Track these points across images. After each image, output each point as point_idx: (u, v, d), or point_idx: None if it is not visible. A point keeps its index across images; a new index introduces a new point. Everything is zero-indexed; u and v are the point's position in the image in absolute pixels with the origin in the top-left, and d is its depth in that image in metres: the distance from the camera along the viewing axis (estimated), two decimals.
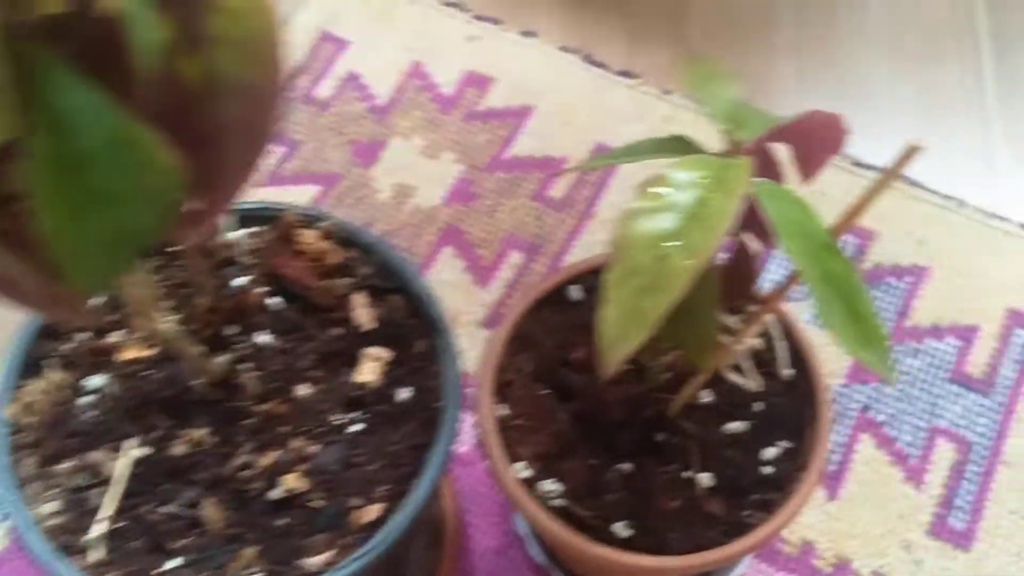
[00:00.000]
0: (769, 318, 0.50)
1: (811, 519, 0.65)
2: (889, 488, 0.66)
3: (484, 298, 0.74)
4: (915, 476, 0.67)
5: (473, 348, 0.72)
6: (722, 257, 0.44)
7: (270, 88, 0.30)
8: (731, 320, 0.46)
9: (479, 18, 0.88)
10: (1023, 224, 0.76)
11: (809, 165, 0.41)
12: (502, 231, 0.77)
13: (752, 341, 0.46)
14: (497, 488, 0.63)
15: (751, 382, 0.48)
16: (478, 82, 0.84)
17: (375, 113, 0.82)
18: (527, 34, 0.87)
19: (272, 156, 0.80)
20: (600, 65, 0.85)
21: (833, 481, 0.67)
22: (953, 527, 0.65)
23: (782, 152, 0.42)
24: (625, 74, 0.85)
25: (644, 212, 0.33)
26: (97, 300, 0.49)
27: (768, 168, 0.39)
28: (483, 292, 0.74)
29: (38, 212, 0.29)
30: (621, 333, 0.33)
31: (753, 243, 0.42)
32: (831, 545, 0.65)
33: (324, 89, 0.84)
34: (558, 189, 0.79)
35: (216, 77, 0.29)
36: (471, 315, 0.74)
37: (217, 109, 0.29)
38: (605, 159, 0.42)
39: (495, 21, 0.88)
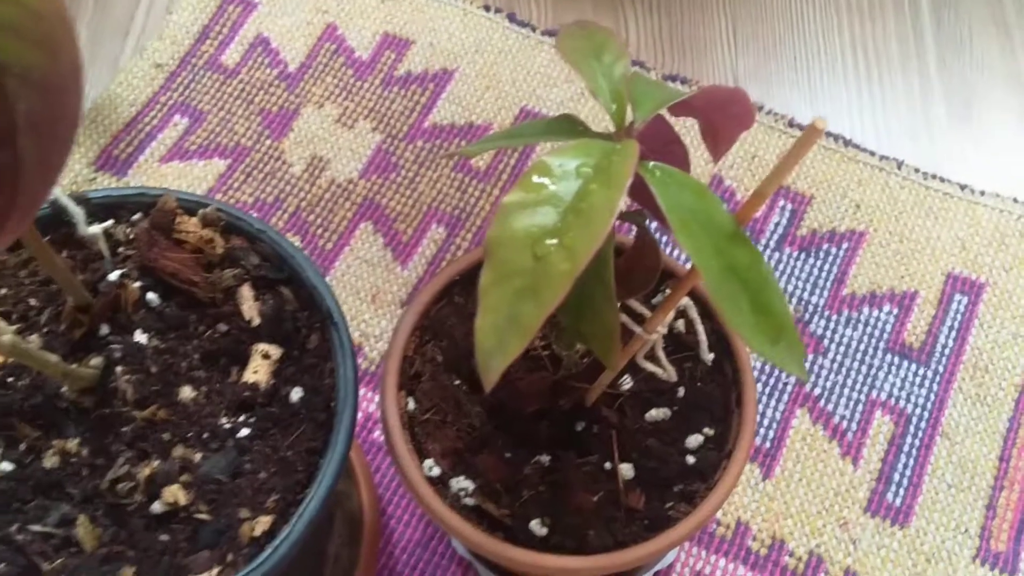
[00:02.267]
0: (686, 300, 0.47)
1: (746, 499, 0.63)
2: (826, 464, 0.64)
3: (405, 276, 0.71)
4: (852, 451, 0.65)
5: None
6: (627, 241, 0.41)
7: (62, 76, 0.26)
8: (642, 307, 0.43)
9: None
10: (962, 185, 0.74)
11: (719, 141, 0.37)
12: (423, 204, 0.73)
13: (663, 330, 0.43)
14: (404, 489, 0.60)
15: (666, 371, 0.45)
16: (395, 45, 0.80)
17: (286, 80, 0.78)
18: None
19: (175, 128, 0.75)
20: (524, 24, 0.81)
21: (768, 459, 0.64)
22: (891, 503, 0.63)
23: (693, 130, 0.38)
24: (551, 34, 0.81)
25: (522, 206, 0.30)
26: None
27: (668, 147, 0.36)
28: (403, 270, 0.71)
29: None
30: (499, 342, 0.30)
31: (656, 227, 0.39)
32: (766, 525, 0.62)
33: (231, 55, 0.79)
34: (481, 158, 0.75)
35: (3, 69, 0.25)
36: (391, 294, 0.70)
37: (4, 104, 0.25)
38: (488, 142, 0.38)
39: None
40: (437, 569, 0.60)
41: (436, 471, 0.49)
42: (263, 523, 0.43)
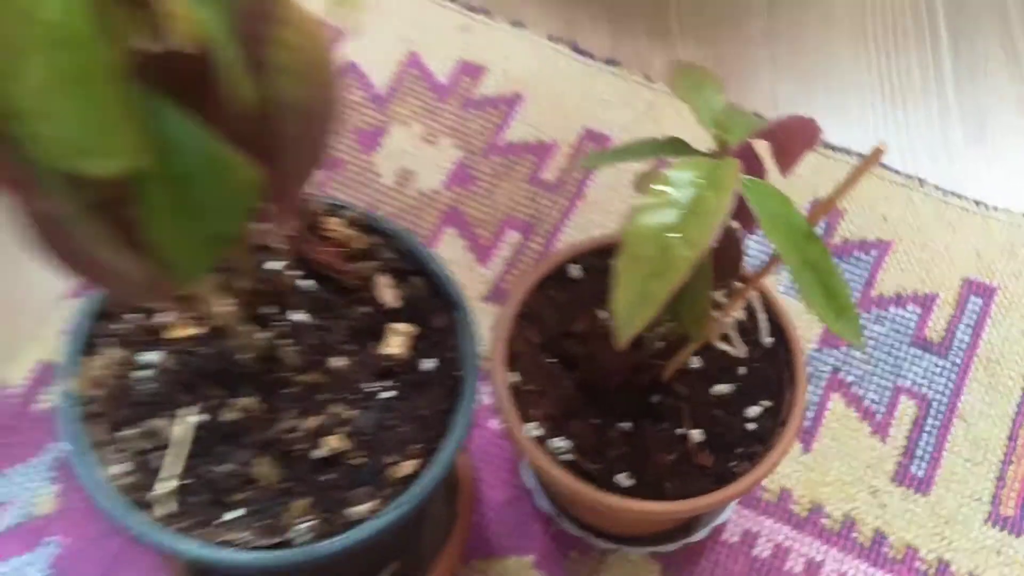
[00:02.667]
0: (751, 292, 0.56)
1: (788, 469, 0.72)
2: (857, 441, 0.74)
3: (485, 274, 0.80)
4: (881, 430, 0.74)
5: (477, 321, 0.78)
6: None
7: (324, 110, 0.36)
8: (718, 295, 0.53)
9: (470, 9, 0.93)
10: (977, 201, 0.83)
11: (787, 159, 0.47)
12: (500, 212, 0.83)
13: (737, 314, 0.53)
14: (512, 446, 0.70)
15: (738, 349, 0.55)
16: (471, 71, 0.90)
17: (375, 102, 0.88)
18: (516, 24, 0.92)
19: None
20: (586, 54, 0.91)
21: (807, 435, 0.74)
22: (914, 474, 0.72)
23: (761, 147, 0.48)
24: (610, 62, 0.90)
25: (649, 208, 0.39)
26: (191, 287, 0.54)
27: (751, 163, 0.45)
28: (484, 269, 0.80)
29: (148, 220, 0.35)
30: (632, 313, 0.39)
31: (738, 228, 0.48)
32: (806, 492, 0.72)
33: None
34: (550, 172, 0.85)
35: (279, 101, 0.35)
36: (473, 290, 0.79)
37: (280, 128, 0.35)
38: (607, 157, 0.47)
39: (485, 12, 0.93)
40: (523, 525, 0.70)
41: (537, 432, 0.58)
42: (407, 467, 0.52)
